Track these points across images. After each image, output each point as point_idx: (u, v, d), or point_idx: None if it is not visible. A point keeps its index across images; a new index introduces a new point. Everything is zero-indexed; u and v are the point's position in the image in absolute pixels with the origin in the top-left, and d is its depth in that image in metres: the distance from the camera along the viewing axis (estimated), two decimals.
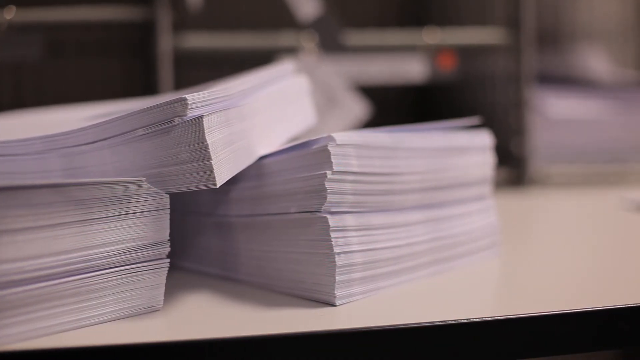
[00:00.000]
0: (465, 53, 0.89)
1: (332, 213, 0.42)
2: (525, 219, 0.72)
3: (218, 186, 0.40)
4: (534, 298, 0.45)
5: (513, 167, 0.85)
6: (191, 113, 0.40)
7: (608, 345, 0.43)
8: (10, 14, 0.75)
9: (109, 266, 0.40)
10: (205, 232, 0.49)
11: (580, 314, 0.41)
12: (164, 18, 0.76)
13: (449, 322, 0.39)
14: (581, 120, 0.91)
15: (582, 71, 0.97)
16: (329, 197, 0.42)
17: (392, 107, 0.99)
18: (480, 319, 0.40)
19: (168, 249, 0.42)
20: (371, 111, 0.81)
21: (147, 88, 0.80)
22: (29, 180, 0.42)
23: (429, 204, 0.49)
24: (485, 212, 0.53)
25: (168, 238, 0.42)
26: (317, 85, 0.76)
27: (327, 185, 0.42)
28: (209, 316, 0.41)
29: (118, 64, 0.88)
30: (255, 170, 0.45)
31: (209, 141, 0.40)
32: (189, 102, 0.39)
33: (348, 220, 0.43)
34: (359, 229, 0.43)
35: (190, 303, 0.43)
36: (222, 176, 0.41)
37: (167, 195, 0.41)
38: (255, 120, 0.47)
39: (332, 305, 0.42)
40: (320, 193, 0.42)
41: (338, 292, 0.42)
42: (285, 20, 0.84)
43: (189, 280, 0.48)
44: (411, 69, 0.85)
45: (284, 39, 0.80)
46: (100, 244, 0.39)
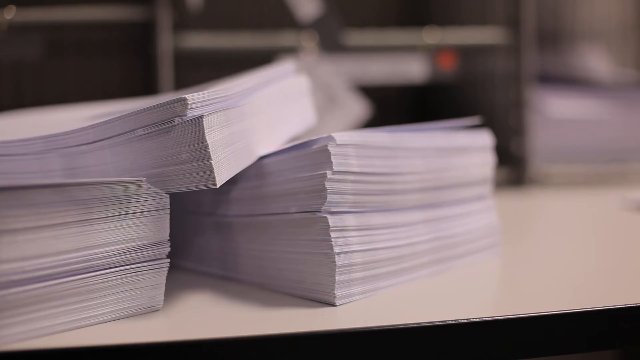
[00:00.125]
0: (465, 53, 0.89)
1: (332, 213, 0.42)
2: (525, 219, 0.72)
3: (218, 186, 0.40)
4: (534, 298, 0.45)
5: (513, 167, 0.85)
6: (191, 113, 0.40)
7: (608, 345, 0.43)
8: (10, 14, 0.75)
9: (109, 266, 0.40)
10: (205, 232, 0.49)
11: (580, 314, 0.41)
12: (164, 18, 0.76)
13: (449, 322, 0.39)
14: (581, 120, 0.91)
15: (582, 71, 0.97)
16: (329, 197, 0.42)
17: (392, 107, 0.99)
18: (480, 319, 0.40)
19: (168, 249, 0.42)
20: (371, 111, 0.81)
21: (147, 88, 0.80)
22: (30, 180, 0.42)
23: (429, 204, 0.49)
24: (486, 212, 0.53)
25: (168, 238, 0.42)
26: (317, 85, 0.76)
27: (327, 185, 0.42)
28: (209, 316, 0.41)
29: (118, 64, 0.88)
30: (255, 170, 0.45)
31: (209, 141, 0.40)
32: (189, 102, 0.39)
33: (348, 220, 0.43)
34: (359, 229, 0.43)
35: (190, 303, 0.43)
36: (222, 176, 0.41)
37: (167, 195, 0.41)
38: (255, 120, 0.47)
39: (332, 305, 0.42)
40: (320, 193, 0.42)
41: (338, 292, 0.42)
42: (285, 20, 0.84)
43: (189, 280, 0.48)
44: (411, 69, 0.85)
45: (284, 39, 0.80)
46: (100, 244, 0.39)
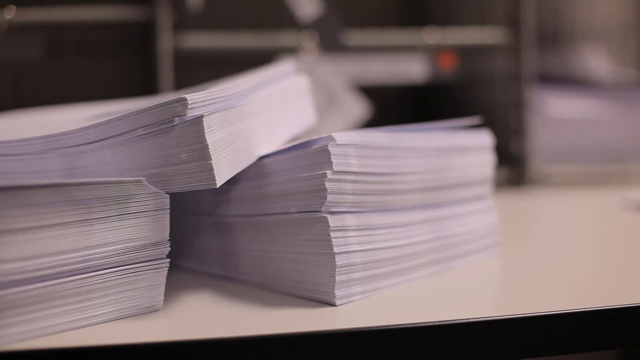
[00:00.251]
0: (465, 53, 0.89)
1: (332, 213, 0.42)
2: (525, 219, 0.72)
3: (218, 186, 0.40)
4: (534, 298, 0.45)
5: (513, 167, 0.85)
6: (191, 113, 0.40)
7: (608, 345, 0.43)
8: (10, 14, 0.75)
9: (109, 266, 0.40)
10: (205, 232, 0.49)
11: (580, 314, 0.41)
12: (164, 18, 0.76)
13: (449, 322, 0.39)
14: (581, 120, 0.91)
15: (582, 71, 0.97)
16: (329, 197, 0.42)
17: (392, 107, 0.99)
18: (480, 319, 0.40)
19: (168, 249, 0.42)
20: (371, 111, 0.81)
21: (147, 88, 0.80)
22: (29, 180, 0.42)
23: (429, 204, 0.49)
24: (486, 212, 0.53)
25: (168, 238, 0.42)
26: (317, 85, 0.76)
27: (327, 185, 0.42)
28: (209, 316, 0.41)
29: (118, 64, 0.88)
30: (255, 170, 0.45)
31: (209, 141, 0.40)
32: (189, 102, 0.39)
33: (348, 220, 0.43)
34: (359, 229, 0.43)
35: (190, 303, 0.43)
36: (222, 176, 0.41)
37: (167, 195, 0.41)
38: (255, 120, 0.47)
39: (332, 305, 0.42)
40: (320, 193, 0.42)
41: (338, 292, 0.42)
42: (285, 20, 0.84)
43: (189, 280, 0.48)
44: (411, 69, 0.85)
45: (284, 39, 0.80)
46: (100, 244, 0.39)
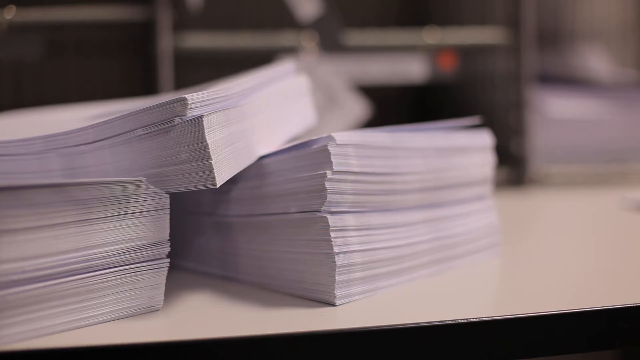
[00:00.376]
0: (465, 53, 0.89)
1: (332, 213, 0.42)
2: (525, 219, 0.72)
3: (218, 186, 0.40)
4: (534, 298, 0.45)
5: (513, 167, 0.85)
6: (191, 113, 0.40)
7: (608, 345, 0.43)
8: (10, 14, 0.75)
9: (109, 266, 0.40)
10: (205, 232, 0.49)
11: (580, 314, 0.41)
12: (164, 18, 0.76)
13: (449, 322, 0.39)
14: (581, 120, 0.91)
15: (582, 71, 0.97)
16: (329, 197, 0.42)
17: (392, 107, 0.99)
18: (480, 319, 0.40)
19: (168, 249, 0.42)
20: (371, 111, 0.81)
21: (147, 88, 0.80)
22: (29, 180, 0.42)
23: (429, 204, 0.49)
24: (486, 212, 0.53)
25: (168, 238, 0.42)
26: (317, 85, 0.76)
27: (327, 185, 0.42)
28: (209, 316, 0.41)
29: (118, 64, 0.88)
30: (255, 170, 0.45)
31: (208, 141, 0.40)
32: (189, 102, 0.39)
33: (348, 220, 0.43)
34: (359, 228, 0.43)
35: (190, 303, 0.43)
36: (222, 176, 0.41)
37: (167, 195, 0.41)
38: (255, 120, 0.47)
39: (332, 305, 0.42)
40: (320, 193, 0.42)
41: (338, 292, 0.42)
42: (285, 20, 0.84)
43: (189, 280, 0.48)
44: (411, 69, 0.85)
45: (284, 39, 0.80)
46: (100, 244, 0.39)
